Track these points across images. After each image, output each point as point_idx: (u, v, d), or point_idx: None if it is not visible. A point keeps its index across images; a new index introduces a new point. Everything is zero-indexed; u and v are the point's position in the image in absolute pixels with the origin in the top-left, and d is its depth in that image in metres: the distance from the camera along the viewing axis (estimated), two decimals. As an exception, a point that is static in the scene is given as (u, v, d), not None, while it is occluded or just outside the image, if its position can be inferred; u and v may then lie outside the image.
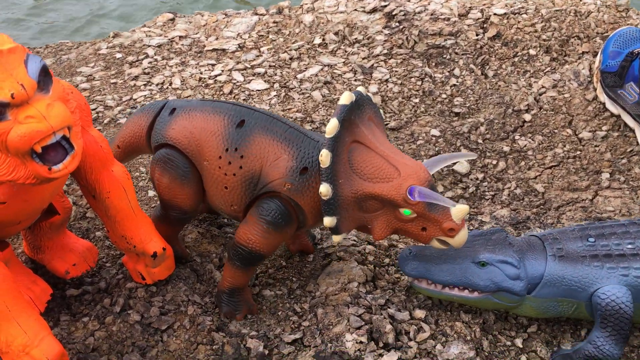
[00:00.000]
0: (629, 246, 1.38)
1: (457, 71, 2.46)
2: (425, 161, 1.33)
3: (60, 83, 1.08)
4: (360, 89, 1.31)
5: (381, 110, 2.35)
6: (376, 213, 1.30)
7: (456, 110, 2.32)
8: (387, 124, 2.27)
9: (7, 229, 1.22)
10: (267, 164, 1.32)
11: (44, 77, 1.02)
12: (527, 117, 2.26)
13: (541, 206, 1.93)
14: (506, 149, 2.16)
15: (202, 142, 1.36)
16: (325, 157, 1.23)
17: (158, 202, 1.49)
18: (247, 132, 1.34)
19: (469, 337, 1.39)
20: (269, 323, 1.47)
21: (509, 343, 1.43)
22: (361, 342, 1.36)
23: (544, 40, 2.51)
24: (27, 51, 1.02)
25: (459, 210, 1.24)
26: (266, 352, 1.39)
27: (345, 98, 1.26)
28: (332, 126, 1.24)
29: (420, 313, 1.43)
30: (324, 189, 1.24)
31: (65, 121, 1.02)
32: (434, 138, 2.20)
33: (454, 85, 2.42)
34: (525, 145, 2.17)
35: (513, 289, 1.37)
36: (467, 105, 2.34)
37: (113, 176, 1.30)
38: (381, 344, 1.36)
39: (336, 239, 1.30)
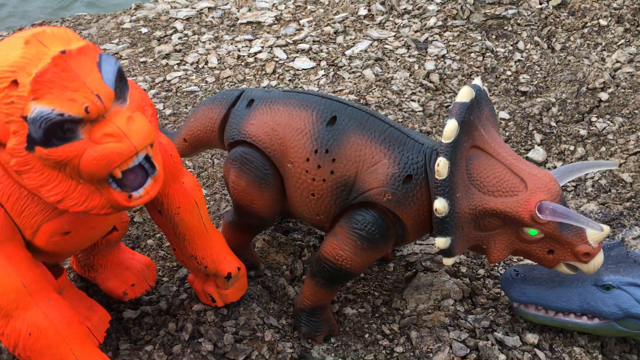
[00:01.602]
0: None
1: (521, 44, 2.24)
2: (554, 171, 1.13)
3: (135, 87, 0.87)
4: (478, 81, 1.10)
5: (439, 91, 2.14)
6: (495, 232, 1.09)
7: (523, 88, 2.11)
8: (447, 106, 2.07)
9: (66, 256, 1.03)
10: (364, 169, 1.12)
11: (120, 83, 0.81)
12: (604, 96, 2.05)
13: (632, 199, 1.74)
14: (583, 132, 1.96)
15: (287, 142, 1.15)
16: (442, 167, 1.03)
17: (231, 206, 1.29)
18: (339, 131, 1.13)
19: (591, 366, 1.22)
20: (355, 348, 1.29)
21: (633, 369, 1.26)
22: (470, 374, 1.18)
23: (615, 9, 2.28)
24: (98, 50, 0.81)
25: (597, 233, 1.05)
26: (358, 384, 1.21)
27: (465, 94, 1.04)
28: (450, 129, 1.03)
29: (532, 337, 1.25)
30: (440, 205, 1.04)
31: (149, 138, 0.82)
32: (502, 122, 1.99)
33: (519, 60, 2.20)
34: (604, 128, 1.96)
35: None
36: (534, 83, 2.13)
37: (184, 189, 1.10)
38: (494, 376, 1.18)
39: (447, 262, 1.10)
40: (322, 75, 2.15)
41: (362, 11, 2.44)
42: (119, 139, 0.78)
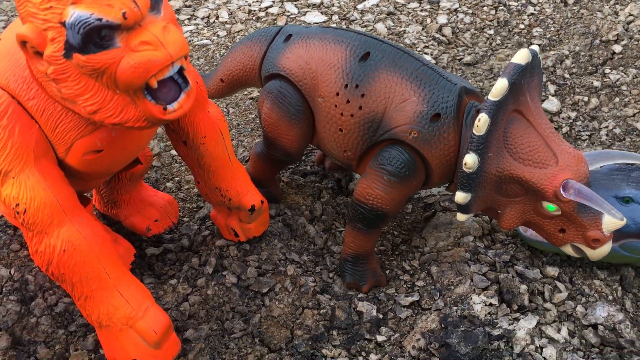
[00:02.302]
0: None
1: (533, -1, 2.23)
2: (587, 153, 1.11)
3: (167, 2, 0.87)
4: (535, 47, 1.08)
5: (452, 45, 2.13)
6: (514, 199, 1.09)
7: (536, 42, 2.10)
8: (460, 59, 2.06)
9: (96, 180, 1.04)
10: (392, 106, 1.11)
11: (155, -6, 0.81)
12: (617, 48, 2.05)
13: (647, 147, 1.75)
14: (597, 84, 1.96)
15: (319, 76, 1.16)
16: (482, 123, 1.01)
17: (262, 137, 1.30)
18: (371, 67, 1.12)
19: (611, 297, 1.23)
20: (376, 283, 1.30)
21: (652, 302, 1.28)
22: (491, 305, 1.19)
23: (628, -37, 2.27)
24: (132, -39, 0.80)
25: (612, 222, 1.03)
26: (380, 316, 1.23)
27: (521, 56, 1.02)
28: (500, 87, 1.00)
29: (552, 270, 1.26)
30: (471, 160, 1.03)
31: (184, 49, 0.82)
32: (516, 73, 1.99)
33: (532, 14, 2.19)
34: (617, 80, 1.96)
35: None
36: (547, 37, 2.12)
37: (210, 118, 1.10)
38: (515, 307, 1.20)
39: (461, 217, 1.10)
40: (335, 29, 2.14)
41: (373, -33, 2.42)
42: (155, 47, 0.79)
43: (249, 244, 1.30)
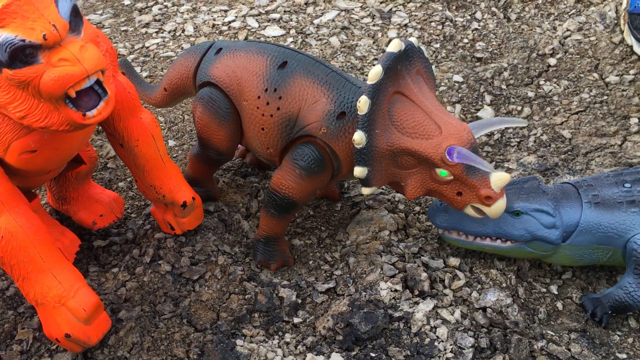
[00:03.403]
0: None
1: (478, 14, 2.39)
2: (471, 123, 1.27)
3: (89, 25, 1.02)
4: (413, 39, 1.24)
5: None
6: (411, 170, 1.24)
7: (478, 55, 2.25)
8: (407, 70, 2.21)
9: (35, 178, 1.19)
10: (305, 107, 1.28)
11: (75, 18, 0.96)
12: (552, 61, 2.20)
13: (569, 152, 1.90)
14: (531, 94, 2.11)
15: (243, 82, 1.33)
16: (363, 103, 1.18)
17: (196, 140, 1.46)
18: (288, 73, 1.29)
19: (504, 285, 1.37)
20: (300, 272, 1.45)
21: (544, 290, 1.42)
22: (396, 290, 1.34)
23: (568, -19, 2.43)
24: (55, -10, 0.96)
25: (498, 178, 1.18)
26: (299, 301, 1.37)
27: (394, 45, 1.18)
28: (375, 72, 1.17)
29: (454, 261, 1.40)
30: (358, 136, 1.19)
31: (100, 64, 0.97)
32: (456, 84, 2.14)
33: (476, 29, 2.35)
34: (550, 91, 2.11)
35: (549, 237, 1.34)
36: (489, 50, 2.27)
37: (142, 123, 1.26)
38: (416, 292, 1.34)
39: (365, 191, 1.26)
40: (291, 42, 2.30)
41: (332, -16, 2.58)
42: (72, 63, 0.94)
43: (185, 236, 1.45)
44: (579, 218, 1.35)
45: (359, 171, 1.22)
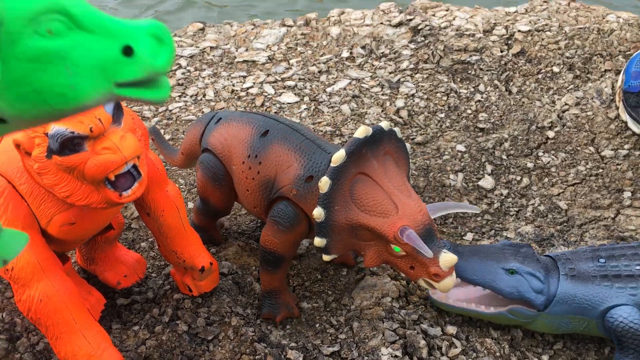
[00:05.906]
0: (638, 267, 1.46)
1: (481, 87, 2.53)
2: (430, 205, 1.38)
3: (129, 114, 1.16)
4: (383, 124, 1.35)
5: (407, 125, 2.43)
6: (369, 242, 1.35)
7: (481, 125, 2.39)
8: (413, 139, 2.35)
9: (72, 244, 1.31)
10: (280, 171, 1.42)
11: (117, 111, 1.11)
12: (551, 134, 2.33)
13: (564, 223, 2.00)
14: (530, 165, 2.23)
15: (232, 149, 1.50)
16: (324, 184, 1.31)
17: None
18: (268, 141, 1.45)
19: (498, 354, 1.47)
20: (307, 335, 1.55)
21: (536, 359, 1.51)
22: (396, 357, 1.44)
23: (567, 57, 2.58)
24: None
25: (446, 259, 1.27)
26: (306, 362, 1.47)
27: (360, 132, 1.32)
28: (337, 156, 1.30)
29: (451, 329, 1.50)
30: (317, 212, 1.32)
31: (136, 152, 1.11)
32: (459, 153, 2.27)
33: (479, 100, 2.49)
34: (548, 162, 2.24)
35: (535, 301, 1.45)
36: (491, 121, 2.41)
37: (167, 196, 1.39)
38: (415, 359, 1.44)
39: (325, 258, 1.39)
40: (304, 109, 2.45)
41: (345, 53, 2.75)
42: (113, 151, 1.08)
43: (201, 297, 1.56)
44: (556, 289, 1.46)
45: (318, 241, 1.35)
